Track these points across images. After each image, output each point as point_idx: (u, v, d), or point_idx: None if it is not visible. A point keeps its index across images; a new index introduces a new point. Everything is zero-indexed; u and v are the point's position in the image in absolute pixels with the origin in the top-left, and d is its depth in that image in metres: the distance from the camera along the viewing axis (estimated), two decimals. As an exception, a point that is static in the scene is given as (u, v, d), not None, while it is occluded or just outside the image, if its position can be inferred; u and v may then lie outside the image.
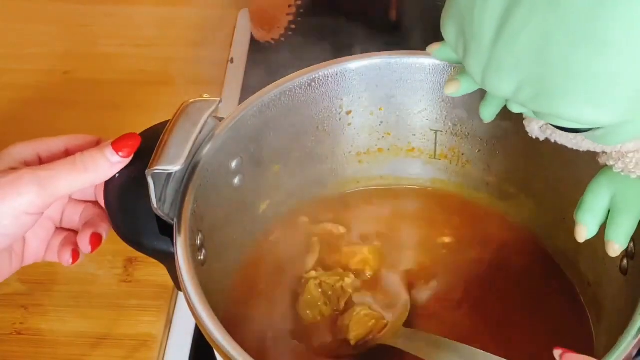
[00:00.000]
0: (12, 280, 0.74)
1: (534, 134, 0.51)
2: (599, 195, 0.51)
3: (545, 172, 0.64)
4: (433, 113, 0.66)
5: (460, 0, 0.43)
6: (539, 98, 0.42)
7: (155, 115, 0.59)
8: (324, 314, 0.62)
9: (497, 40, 0.41)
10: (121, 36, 1.02)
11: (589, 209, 0.51)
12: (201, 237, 0.56)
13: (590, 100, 0.40)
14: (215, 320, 0.49)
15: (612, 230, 0.50)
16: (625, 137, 0.45)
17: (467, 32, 0.43)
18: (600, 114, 0.41)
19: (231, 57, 0.97)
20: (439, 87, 0.64)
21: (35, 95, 0.95)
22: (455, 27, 0.44)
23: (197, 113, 0.56)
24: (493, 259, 0.66)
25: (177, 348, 0.71)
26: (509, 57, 0.41)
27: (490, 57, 0.42)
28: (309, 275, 0.63)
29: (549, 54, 0.40)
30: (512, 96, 0.43)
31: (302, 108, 0.64)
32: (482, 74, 0.43)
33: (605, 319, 0.59)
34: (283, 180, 0.66)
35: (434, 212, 0.70)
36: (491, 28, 0.41)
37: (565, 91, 0.40)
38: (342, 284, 0.62)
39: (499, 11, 0.41)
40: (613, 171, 0.50)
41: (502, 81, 0.42)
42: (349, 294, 0.62)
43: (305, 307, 0.62)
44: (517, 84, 0.42)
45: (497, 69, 0.42)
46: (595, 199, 0.51)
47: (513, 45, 0.41)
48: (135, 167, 0.55)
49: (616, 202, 0.51)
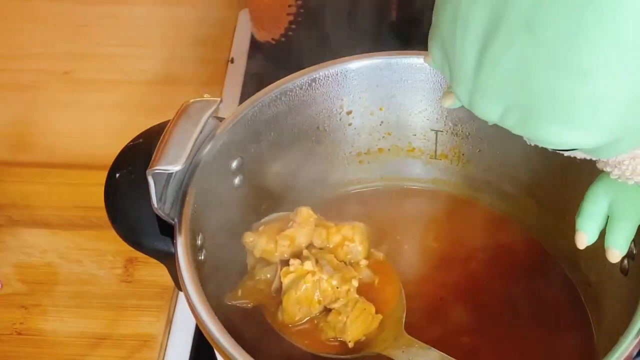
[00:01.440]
0: (12, 280, 0.75)
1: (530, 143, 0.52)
2: (597, 202, 0.51)
3: (546, 172, 0.64)
4: (433, 113, 0.66)
5: (442, 26, 0.43)
6: (525, 123, 0.41)
7: (155, 115, 0.59)
8: (312, 312, 0.58)
9: (479, 66, 0.41)
10: (121, 36, 1.02)
11: (588, 216, 0.52)
12: (201, 237, 0.56)
13: (575, 125, 0.40)
14: (215, 320, 0.49)
15: (612, 237, 0.51)
16: (616, 152, 0.44)
17: (450, 58, 0.43)
18: (586, 137, 0.41)
19: (231, 57, 0.97)
20: (439, 87, 0.64)
21: (35, 95, 0.95)
22: (440, 51, 0.44)
23: (197, 113, 0.56)
24: (493, 259, 0.66)
25: (177, 348, 0.71)
26: (493, 83, 0.41)
27: (474, 83, 0.42)
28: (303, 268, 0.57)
29: (531, 80, 0.39)
30: (499, 121, 0.43)
31: (302, 108, 0.64)
32: (468, 99, 0.43)
33: (606, 319, 0.59)
34: (283, 180, 0.66)
35: (434, 212, 0.70)
36: (472, 54, 0.41)
37: (550, 117, 0.40)
38: (349, 287, 0.58)
39: (478, 37, 0.40)
40: (610, 177, 0.50)
41: (488, 107, 0.42)
42: (355, 299, 0.58)
43: (295, 302, 0.57)
44: (503, 109, 0.42)
45: (482, 95, 0.42)
46: (594, 206, 0.51)
47: (495, 71, 0.40)
48: (135, 167, 0.55)
49: (614, 209, 0.51)
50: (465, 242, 0.67)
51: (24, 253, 0.77)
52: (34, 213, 0.80)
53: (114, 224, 0.56)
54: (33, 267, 0.76)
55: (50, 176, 0.83)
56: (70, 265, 0.76)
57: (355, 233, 0.60)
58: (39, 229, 0.78)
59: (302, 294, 0.56)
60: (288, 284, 0.57)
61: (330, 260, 0.58)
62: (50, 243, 0.77)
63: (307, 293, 0.56)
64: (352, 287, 0.57)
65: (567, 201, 0.62)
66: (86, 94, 0.95)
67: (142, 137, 0.58)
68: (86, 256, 0.77)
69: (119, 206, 0.56)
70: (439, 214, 0.70)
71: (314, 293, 0.57)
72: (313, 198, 0.68)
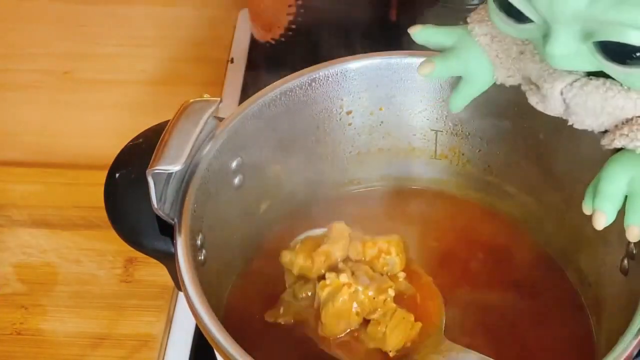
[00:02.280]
0: (12, 280, 0.75)
1: (550, 105, 0.51)
2: (615, 181, 0.50)
3: (546, 172, 0.64)
4: (433, 113, 0.66)
5: None
6: (620, 3, 0.40)
7: (155, 115, 0.59)
8: (352, 324, 0.57)
9: None
10: (121, 36, 1.02)
11: (607, 195, 0.50)
12: (201, 237, 0.56)
13: None
14: (215, 320, 0.49)
15: (633, 215, 0.49)
16: None
17: None
18: None
19: (231, 57, 0.97)
20: (439, 87, 0.64)
21: (35, 95, 0.95)
22: None
23: (197, 113, 0.56)
24: (493, 259, 0.66)
25: (177, 348, 0.71)
26: None
27: None
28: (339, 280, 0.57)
29: None
30: (586, 9, 0.41)
31: (302, 108, 0.64)
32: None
33: (606, 319, 0.59)
34: (283, 180, 0.66)
35: (434, 212, 0.70)
36: None
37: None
38: (386, 296, 0.57)
39: None
40: (624, 157, 0.49)
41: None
42: (393, 308, 0.57)
43: (334, 315, 0.56)
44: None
45: None
46: (612, 185, 0.50)
47: None
48: (135, 167, 0.55)
49: (634, 186, 0.49)
50: (465, 242, 0.67)
51: (24, 253, 0.77)
52: (34, 213, 0.80)
53: (113, 224, 0.56)
54: (33, 267, 0.76)
55: (50, 176, 0.83)
56: (70, 265, 0.76)
57: (391, 245, 0.60)
58: (39, 229, 0.78)
59: (340, 306, 0.56)
60: (325, 297, 0.56)
61: (366, 271, 0.58)
62: (50, 243, 0.77)
63: (345, 305, 0.56)
64: (389, 296, 0.57)
65: (567, 201, 0.62)
66: (86, 94, 0.95)
67: (142, 137, 0.58)
68: (86, 256, 0.77)
69: (119, 206, 0.56)
70: (439, 214, 0.70)
71: (352, 305, 0.56)
72: (313, 198, 0.68)
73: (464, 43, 0.58)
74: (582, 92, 0.50)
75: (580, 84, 0.50)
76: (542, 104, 0.53)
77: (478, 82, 0.59)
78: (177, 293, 0.74)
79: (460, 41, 0.59)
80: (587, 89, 0.50)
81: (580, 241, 0.62)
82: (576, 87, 0.50)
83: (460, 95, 0.60)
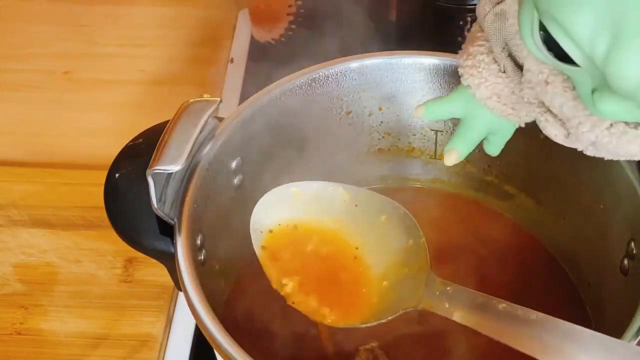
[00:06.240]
0: (12, 280, 0.75)
1: (575, 142, 0.50)
2: None
3: (546, 172, 0.64)
4: (433, 113, 0.66)
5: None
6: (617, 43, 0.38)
7: (155, 115, 0.59)
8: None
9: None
10: (121, 36, 1.02)
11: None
12: (201, 237, 0.56)
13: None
14: (215, 320, 0.49)
15: None
16: None
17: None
18: None
19: (231, 57, 0.97)
20: (439, 87, 0.64)
21: (35, 95, 0.95)
22: None
23: (197, 113, 0.56)
24: (493, 259, 0.66)
25: (177, 348, 0.71)
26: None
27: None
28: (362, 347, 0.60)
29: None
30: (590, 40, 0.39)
31: (302, 108, 0.64)
32: None
33: (606, 319, 0.59)
34: (283, 180, 0.66)
35: (434, 212, 0.70)
36: None
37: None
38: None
39: None
40: None
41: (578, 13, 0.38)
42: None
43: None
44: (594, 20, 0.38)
45: None
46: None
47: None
48: (135, 167, 0.55)
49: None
50: (465, 242, 0.67)
51: (23, 253, 0.77)
52: (34, 213, 0.80)
53: (113, 224, 0.56)
54: (33, 267, 0.76)
55: (50, 176, 0.83)
56: (70, 265, 0.76)
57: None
58: (39, 229, 0.78)
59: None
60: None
61: None
62: (50, 243, 0.77)
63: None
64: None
65: (567, 201, 0.62)
66: (86, 94, 0.95)
67: (142, 137, 0.58)
68: (86, 256, 0.76)
69: (119, 206, 0.56)
70: (439, 214, 0.70)
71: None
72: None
73: (472, 111, 0.59)
74: (619, 140, 0.48)
75: (619, 132, 0.48)
76: (564, 138, 0.51)
77: (505, 132, 0.60)
78: (177, 293, 0.74)
79: (468, 108, 0.59)
80: (625, 138, 0.48)
81: (580, 241, 0.62)
82: (615, 134, 0.48)
83: (493, 145, 0.62)
